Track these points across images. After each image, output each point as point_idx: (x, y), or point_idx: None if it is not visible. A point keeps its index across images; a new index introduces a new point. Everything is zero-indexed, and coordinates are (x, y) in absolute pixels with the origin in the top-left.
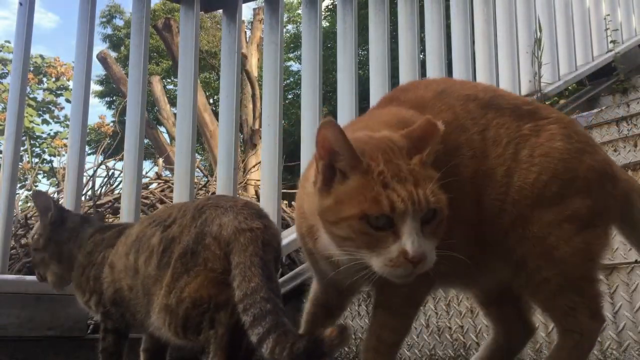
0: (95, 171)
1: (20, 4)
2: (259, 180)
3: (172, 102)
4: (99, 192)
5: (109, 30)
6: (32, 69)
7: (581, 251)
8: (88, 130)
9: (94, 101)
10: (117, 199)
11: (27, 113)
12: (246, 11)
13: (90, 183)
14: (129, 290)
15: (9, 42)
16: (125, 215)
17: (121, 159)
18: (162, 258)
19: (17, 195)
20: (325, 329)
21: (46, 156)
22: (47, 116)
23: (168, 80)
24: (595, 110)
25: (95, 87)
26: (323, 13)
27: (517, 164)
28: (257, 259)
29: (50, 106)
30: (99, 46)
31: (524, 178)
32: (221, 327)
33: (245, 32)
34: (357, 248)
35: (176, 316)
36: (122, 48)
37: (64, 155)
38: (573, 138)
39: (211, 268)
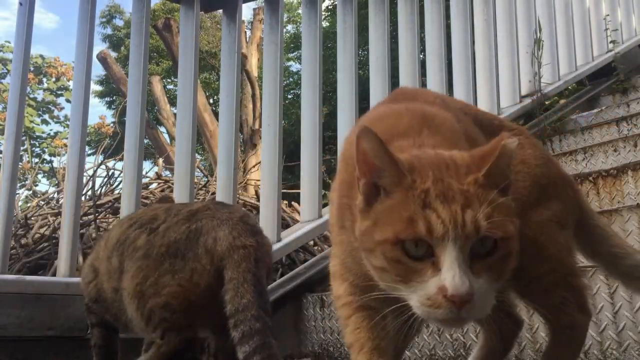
0: (95, 171)
1: (21, 4)
2: (259, 180)
3: (172, 102)
4: (99, 192)
5: (109, 30)
6: (32, 69)
7: (566, 248)
8: (88, 131)
9: (94, 101)
10: (117, 199)
11: (27, 113)
12: (246, 11)
13: (90, 183)
14: (113, 292)
15: (9, 42)
16: (126, 215)
17: (121, 159)
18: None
19: (17, 195)
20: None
21: (46, 156)
22: (46, 116)
23: (168, 80)
24: (595, 110)
25: (95, 87)
26: (323, 13)
27: None
28: (250, 275)
29: (50, 106)
30: (99, 46)
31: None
32: (166, 344)
33: (245, 32)
34: (394, 282)
35: (144, 305)
36: (122, 48)
37: (64, 155)
38: (538, 147)
39: (195, 282)
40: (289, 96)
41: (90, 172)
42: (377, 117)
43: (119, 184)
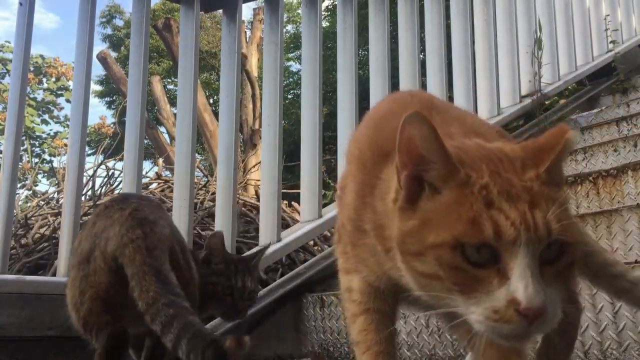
0: (95, 171)
1: (20, 4)
2: (259, 180)
3: (172, 102)
4: (99, 192)
5: (109, 31)
6: (32, 69)
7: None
8: (88, 131)
9: (94, 101)
10: None
11: (27, 113)
12: (246, 11)
13: (90, 183)
14: None
15: (9, 42)
16: None
17: (121, 159)
18: None
19: (17, 195)
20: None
21: (46, 156)
22: (46, 116)
23: (168, 80)
24: (595, 110)
25: (95, 87)
26: (323, 13)
27: None
28: (147, 267)
29: (50, 106)
30: (99, 46)
31: None
32: (99, 345)
33: (245, 32)
34: (447, 292)
35: (79, 315)
36: (122, 48)
37: (64, 155)
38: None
39: (97, 281)
40: (289, 96)
41: (90, 172)
42: (388, 110)
43: (119, 184)
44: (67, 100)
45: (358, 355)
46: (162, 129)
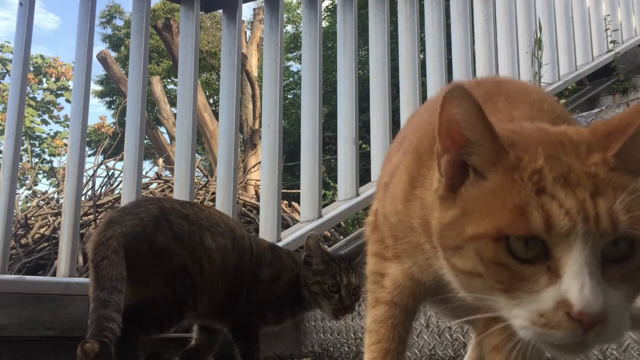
0: (95, 171)
1: (21, 4)
2: (259, 180)
3: (172, 102)
4: (99, 192)
5: (109, 31)
6: (32, 69)
7: None
8: (88, 131)
9: (94, 101)
10: (117, 199)
11: (27, 113)
12: (246, 11)
13: (90, 183)
14: None
15: (8, 42)
16: None
17: (121, 159)
18: None
19: (17, 195)
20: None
21: (46, 156)
22: (46, 116)
23: (168, 80)
24: (595, 110)
25: (95, 87)
26: (323, 13)
27: None
28: (92, 267)
29: (50, 106)
30: (99, 46)
31: None
32: None
33: (245, 32)
34: (490, 291)
35: None
36: (122, 48)
37: (64, 155)
38: None
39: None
40: (289, 96)
41: (90, 172)
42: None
43: (119, 184)
44: (67, 100)
45: (367, 344)
46: (162, 129)
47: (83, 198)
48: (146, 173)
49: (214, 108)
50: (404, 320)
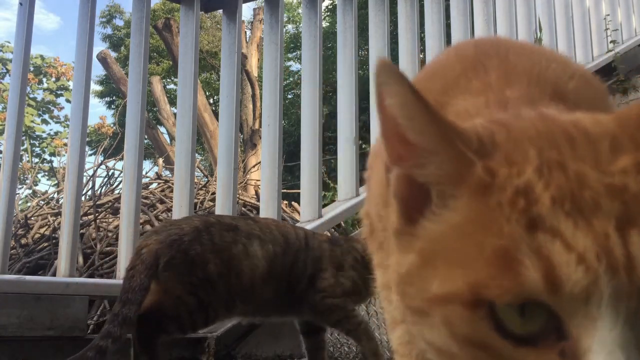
0: (95, 171)
1: (21, 4)
2: (259, 180)
3: (172, 102)
4: (99, 192)
5: (109, 30)
6: (32, 69)
7: None
8: (88, 131)
9: (94, 101)
10: (117, 199)
11: (27, 113)
12: (246, 11)
13: (90, 183)
14: None
15: (9, 42)
16: (125, 215)
17: (121, 159)
18: None
19: (17, 195)
20: None
21: (46, 156)
22: (46, 116)
23: (168, 80)
24: None
25: (95, 87)
26: (323, 13)
27: None
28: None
29: (50, 106)
30: (99, 46)
31: None
32: None
33: (245, 32)
34: None
35: None
36: (122, 48)
37: (64, 155)
38: None
39: None
40: (289, 96)
41: (90, 172)
42: (444, 60)
43: (119, 184)
44: (67, 100)
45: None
46: (162, 129)
47: (83, 198)
48: (146, 173)
49: (214, 108)
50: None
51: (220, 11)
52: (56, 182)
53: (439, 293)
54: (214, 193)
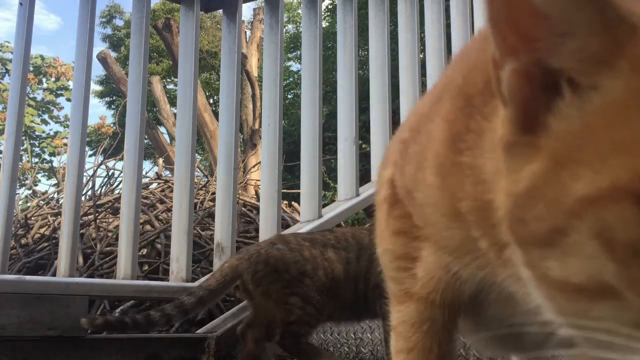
0: (95, 171)
1: (21, 4)
2: (259, 180)
3: (172, 102)
4: (99, 192)
5: (109, 30)
6: (32, 69)
7: None
8: (88, 131)
9: (94, 101)
10: (117, 199)
11: (27, 112)
12: (246, 11)
13: (90, 183)
14: None
15: (8, 42)
16: (125, 215)
17: (121, 159)
18: None
19: (17, 195)
20: None
21: (46, 156)
22: (46, 116)
23: (168, 80)
24: None
25: (95, 87)
26: (323, 13)
27: None
28: None
29: (50, 106)
30: (99, 46)
31: None
32: None
33: (245, 32)
34: (619, 311)
35: None
36: (122, 48)
37: (64, 155)
38: None
39: None
40: (289, 96)
41: (90, 172)
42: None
43: (119, 184)
44: (67, 100)
45: (394, 350)
46: (162, 129)
47: (83, 198)
48: (146, 173)
49: (214, 108)
50: (448, 327)
51: (220, 11)
52: (56, 182)
53: (589, 193)
54: (214, 193)
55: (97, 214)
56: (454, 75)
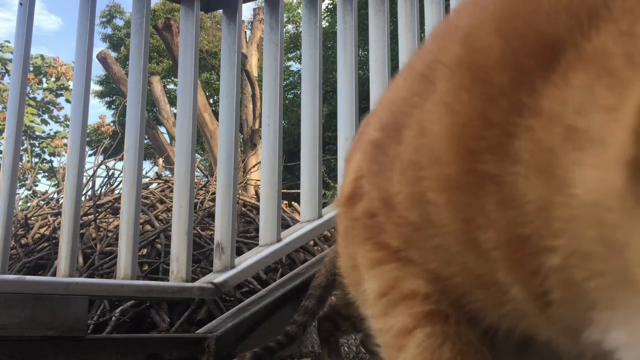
0: (95, 171)
1: (21, 4)
2: (259, 180)
3: (172, 102)
4: (99, 192)
5: (109, 30)
6: (32, 69)
7: None
8: (88, 131)
9: (94, 101)
10: (117, 199)
11: (27, 112)
12: (246, 11)
13: (90, 183)
14: None
15: (8, 42)
16: (125, 215)
17: (121, 159)
18: None
19: (17, 195)
20: None
21: (46, 156)
22: (46, 116)
23: (168, 80)
24: None
25: (95, 87)
26: (323, 13)
27: None
28: None
29: (50, 106)
30: (99, 46)
31: None
32: None
33: (245, 32)
34: None
35: None
36: (122, 48)
37: (64, 155)
38: None
39: None
40: (289, 96)
41: (90, 172)
42: None
43: (119, 184)
44: (67, 100)
45: None
46: (162, 129)
47: (83, 198)
48: (146, 173)
49: (214, 108)
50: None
51: (220, 11)
52: (56, 182)
53: None
54: (214, 193)
55: (97, 214)
56: (445, 45)
